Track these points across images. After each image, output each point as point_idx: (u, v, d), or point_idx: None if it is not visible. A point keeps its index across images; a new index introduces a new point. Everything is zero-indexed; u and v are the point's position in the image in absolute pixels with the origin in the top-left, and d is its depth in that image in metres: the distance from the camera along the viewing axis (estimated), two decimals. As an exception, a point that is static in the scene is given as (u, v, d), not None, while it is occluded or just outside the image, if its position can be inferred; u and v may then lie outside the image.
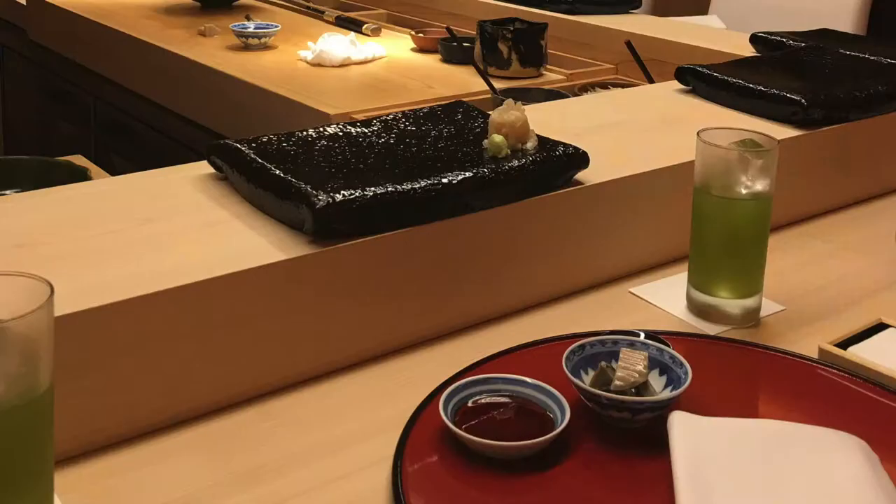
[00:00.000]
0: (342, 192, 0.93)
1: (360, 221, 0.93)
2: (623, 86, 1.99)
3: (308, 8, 2.87)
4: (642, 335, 0.90)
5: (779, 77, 1.48)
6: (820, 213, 1.37)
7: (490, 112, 1.12)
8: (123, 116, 2.51)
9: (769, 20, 2.35)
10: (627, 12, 2.43)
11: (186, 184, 1.07)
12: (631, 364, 0.83)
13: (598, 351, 0.86)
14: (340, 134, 1.13)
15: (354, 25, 2.54)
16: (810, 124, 1.34)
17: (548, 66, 2.15)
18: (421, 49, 2.37)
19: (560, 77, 2.13)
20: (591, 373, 0.85)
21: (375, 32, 2.49)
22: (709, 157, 1.01)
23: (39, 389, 0.63)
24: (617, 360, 0.84)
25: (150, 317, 0.82)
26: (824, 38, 1.87)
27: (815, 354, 0.95)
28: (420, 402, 0.84)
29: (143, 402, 0.84)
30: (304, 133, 1.12)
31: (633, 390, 0.82)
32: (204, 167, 1.10)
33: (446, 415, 0.79)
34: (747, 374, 0.94)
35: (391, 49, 2.35)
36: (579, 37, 2.27)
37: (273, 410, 0.88)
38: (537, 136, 1.10)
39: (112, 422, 0.82)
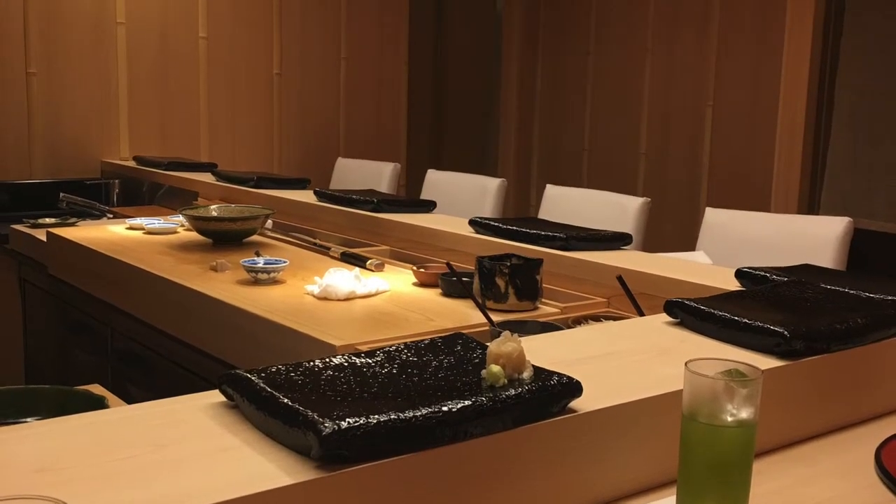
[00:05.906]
0: (347, 419, 0.96)
1: (365, 448, 0.96)
2: (614, 318, 2.01)
3: (315, 245, 2.94)
4: (633, 557, 0.92)
5: (762, 310, 1.50)
6: (802, 440, 1.38)
7: (488, 343, 1.16)
8: (138, 347, 2.54)
9: (753, 256, 2.41)
10: (619, 249, 2.48)
11: (198, 412, 1.10)
12: (622, 585, 0.86)
13: (591, 572, 0.89)
14: (346, 364, 1.16)
15: (359, 261, 2.61)
16: (793, 355, 1.36)
17: (543, 300, 2.19)
18: (422, 283, 2.40)
19: (554, 310, 2.15)
20: None
21: (379, 268, 2.55)
22: (696, 387, 1.04)
23: None
24: (609, 581, 0.87)
25: (163, 538, 0.85)
26: (806, 272, 1.91)
27: (797, 575, 0.96)
28: None
29: None
30: (312, 363, 1.16)
31: None
32: (215, 396, 1.13)
33: None
34: None
35: (394, 283, 2.39)
36: (573, 272, 2.32)
37: None
38: (533, 366, 1.13)
39: None
